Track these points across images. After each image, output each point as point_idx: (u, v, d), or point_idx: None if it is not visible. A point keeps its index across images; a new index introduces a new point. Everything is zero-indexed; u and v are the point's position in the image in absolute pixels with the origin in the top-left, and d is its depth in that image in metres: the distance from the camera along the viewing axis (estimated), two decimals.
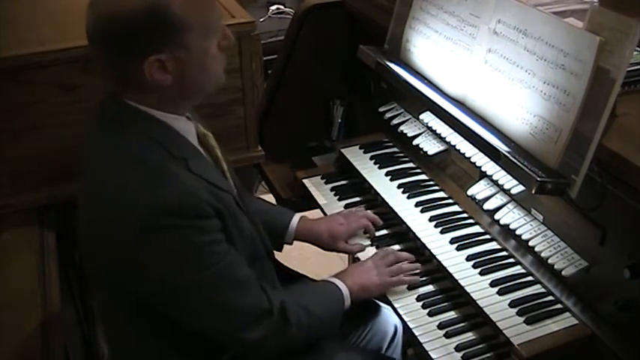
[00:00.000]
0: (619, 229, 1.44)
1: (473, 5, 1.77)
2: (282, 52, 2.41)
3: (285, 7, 4.00)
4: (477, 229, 1.79)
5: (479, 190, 1.80)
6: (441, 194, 1.94)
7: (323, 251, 1.88)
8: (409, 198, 1.93)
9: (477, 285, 1.61)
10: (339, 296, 1.60)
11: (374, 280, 1.66)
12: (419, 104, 1.93)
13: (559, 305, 1.54)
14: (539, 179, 1.43)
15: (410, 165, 2.08)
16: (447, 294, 1.67)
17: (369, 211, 1.92)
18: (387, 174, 2.04)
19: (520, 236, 1.65)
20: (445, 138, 1.87)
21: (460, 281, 1.63)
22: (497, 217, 1.72)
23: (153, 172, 1.33)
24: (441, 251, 1.72)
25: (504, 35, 1.65)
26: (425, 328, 1.58)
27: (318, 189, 2.10)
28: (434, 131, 1.92)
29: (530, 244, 1.62)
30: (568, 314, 1.52)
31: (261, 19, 3.88)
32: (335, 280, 1.64)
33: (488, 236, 1.76)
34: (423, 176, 2.03)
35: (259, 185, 3.01)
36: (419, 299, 1.66)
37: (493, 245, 1.73)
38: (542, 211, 1.64)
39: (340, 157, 2.18)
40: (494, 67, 1.67)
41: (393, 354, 1.85)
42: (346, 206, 2.02)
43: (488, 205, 1.76)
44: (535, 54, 1.55)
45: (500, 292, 1.58)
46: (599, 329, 1.46)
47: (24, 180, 1.92)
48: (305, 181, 2.14)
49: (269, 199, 2.38)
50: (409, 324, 1.60)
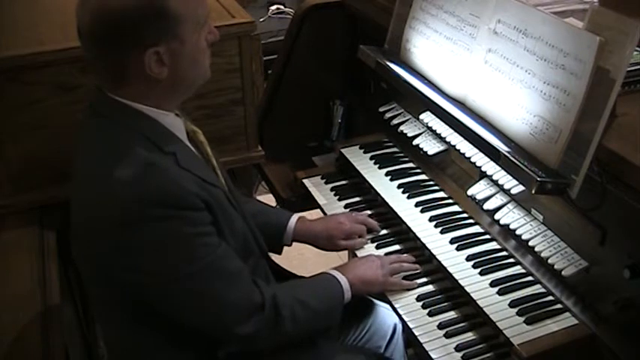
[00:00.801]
0: (619, 229, 1.44)
1: (473, 5, 1.77)
2: (282, 52, 2.41)
3: (285, 7, 4.00)
4: (477, 229, 1.79)
5: (479, 190, 1.80)
6: (441, 194, 1.94)
7: (323, 252, 1.88)
8: (409, 198, 1.93)
9: (477, 285, 1.61)
10: (337, 288, 1.59)
11: (377, 275, 1.65)
12: (419, 104, 1.93)
13: (559, 305, 1.54)
14: (539, 179, 1.43)
15: (410, 165, 2.08)
16: (447, 294, 1.67)
17: (369, 219, 1.90)
18: (387, 174, 2.04)
19: (520, 236, 1.65)
20: (445, 138, 1.87)
21: (460, 281, 1.63)
22: (497, 217, 1.72)
23: (142, 166, 1.34)
24: (441, 251, 1.72)
25: (504, 35, 1.65)
26: (425, 328, 1.58)
27: (318, 189, 2.10)
28: (434, 131, 1.92)
29: (530, 244, 1.62)
30: (568, 314, 1.52)
31: (261, 19, 3.88)
32: (333, 272, 1.62)
33: (488, 236, 1.76)
34: (423, 176, 2.03)
35: (259, 185, 3.01)
36: (419, 299, 1.66)
37: (493, 245, 1.73)
38: (542, 211, 1.64)
39: (340, 157, 2.18)
40: (494, 67, 1.67)
41: (393, 353, 1.85)
42: (346, 206, 2.02)
43: (488, 205, 1.76)
44: (535, 54, 1.55)
45: (500, 292, 1.58)
46: (599, 329, 1.46)
47: (24, 180, 1.92)
48: (305, 181, 2.14)
49: (269, 199, 2.39)
50: (409, 324, 1.60)
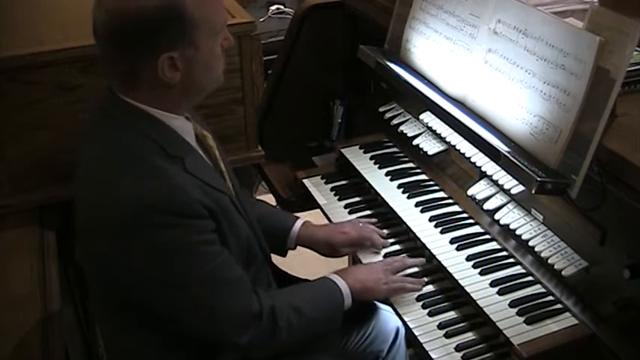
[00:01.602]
0: (619, 229, 1.44)
1: (473, 5, 1.77)
2: (282, 52, 2.41)
3: (285, 7, 4.00)
4: (477, 229, 1.79)
5: (479, 190, 1.80)
6: (441, 194, 1.94)
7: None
8: (409, 198, 1.93)
9: (477, 285, 1.61)
10: (336, 294, 1.58)
11: (380, 281, 1.64)
12: (419, 104, 1.93)
13: (559, 305, 1.54)
14: (539, 179, 1.43)
15: (410, 165, 2.08)
16: (447, 294, 1.67)
17: (376, 236, 1.82)
18: (387, 174, 2.04)
19: (520, 236, 1.65)
20: (445, 138, 1.87)
21: (460, 281, 1.63)
22: (497, 217, 1.72)
23: (147, 170, 1.34)
24: (441, 251, 1.72)
25: (504, 35, 1.65)
26: (425, 328, 1.58)
27: (318, 189, 2.10)
28: (434, 131, 1.92)
29: (530, 244, 1.62)
30: (568, 314, 1.52)
31: (261, 19, 3.88)
32: (334, 277, 1.61)
33: (488, 236, 1.76)
34: (423, 176, 2.03)
35: (259, 185, 3.01)
36: (419, 299, 1.66)
37: (493, 245, 1.73)
38: (542, 211, 1.64)
39: (340, 157, 2.18)
40: (494, 67, 1.67)
41: (395, 357, 1.82)
42: (346, 206, 2.02)
43: (488, 205, 1.76)
44: (535, 54, 1.55)
45: (500, 292, 1.58)
46: (599, 329, 1.46)
47: (24, 180, 1.92)
48: (305, 181, 2.14)
49: (269, 199, 2.38)
50: (409, 324, 1.60)
